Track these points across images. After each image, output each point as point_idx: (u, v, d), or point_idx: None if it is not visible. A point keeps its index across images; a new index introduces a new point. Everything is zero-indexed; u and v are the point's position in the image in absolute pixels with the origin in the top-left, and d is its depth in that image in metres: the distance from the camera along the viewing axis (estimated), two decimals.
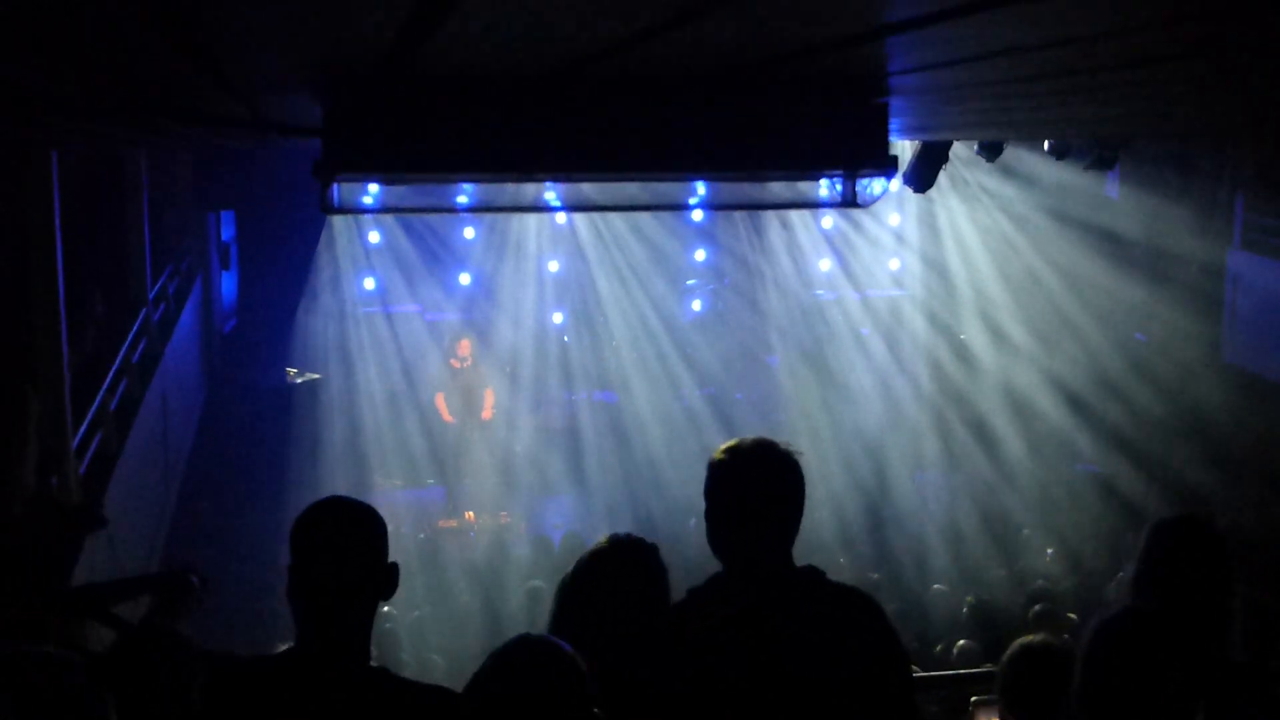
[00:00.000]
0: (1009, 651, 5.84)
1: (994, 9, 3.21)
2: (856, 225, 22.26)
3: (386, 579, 4.22)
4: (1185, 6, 3.42)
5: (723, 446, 4.67)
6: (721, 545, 4.62)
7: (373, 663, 4.30)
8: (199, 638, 5.94)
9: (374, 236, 20.94)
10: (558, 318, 22.36)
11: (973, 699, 7.97)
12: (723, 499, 4.59)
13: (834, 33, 4.03)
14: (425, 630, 13.99)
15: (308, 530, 4.14)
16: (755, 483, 4.54)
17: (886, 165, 6.43)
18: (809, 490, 4.65)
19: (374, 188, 7.36)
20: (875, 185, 7.04)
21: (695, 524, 16.76)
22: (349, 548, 4.14)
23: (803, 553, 4.62)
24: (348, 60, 4.61)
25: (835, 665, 4.39)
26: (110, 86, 5.51)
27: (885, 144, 6.33)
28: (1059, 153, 13.56)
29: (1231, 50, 4.37)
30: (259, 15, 3.59)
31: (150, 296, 14.92)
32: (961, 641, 11.15)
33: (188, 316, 17.17)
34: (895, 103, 6.34)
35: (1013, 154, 16.94)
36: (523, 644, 3.92)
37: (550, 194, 7.79)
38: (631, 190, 7.79)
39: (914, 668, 8.84)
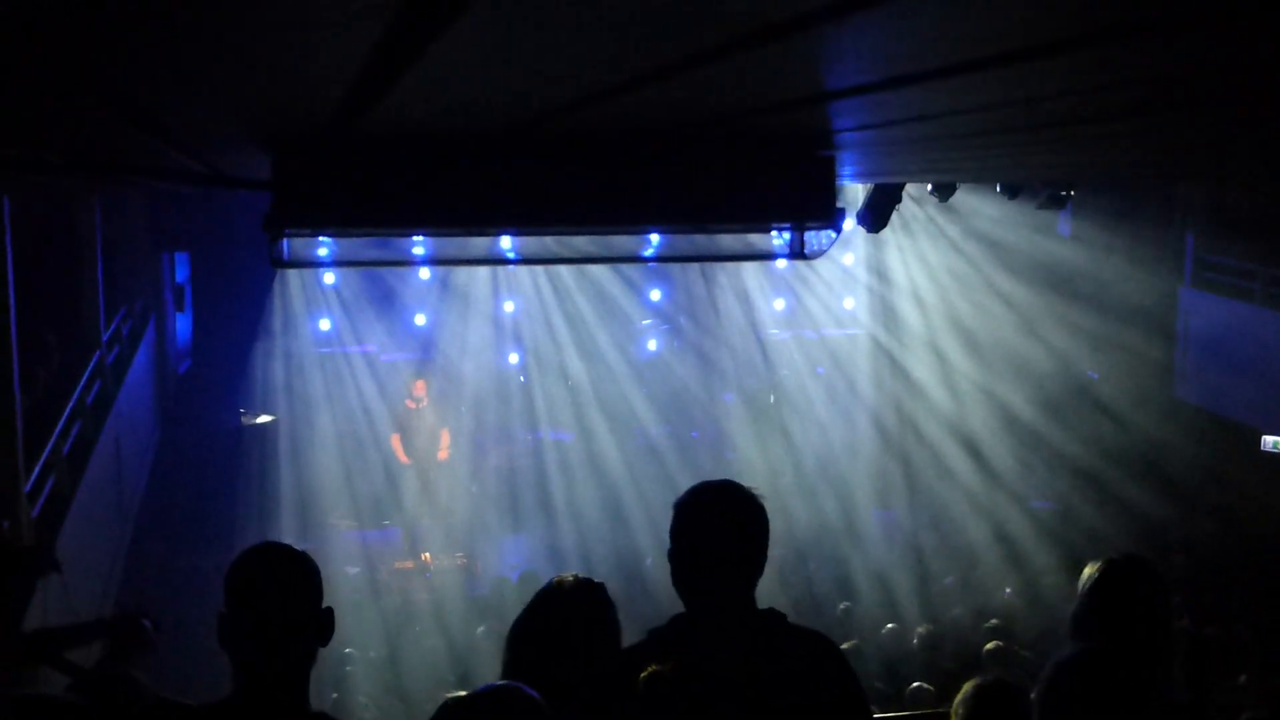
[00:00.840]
0: (963, 692, 5.84)
1: (927, 81, 3.27)
2: (811, 265, 22.32)
3: (322, 625, 4.19)
4: (1117, 74, 3.48)
5: (689, 489, 4.66)
6: (685, 586, 4.61)
7: (325, 706, 4.26)
8: (154, 679, 5.92)
9: (329, 278, 20.84)
10: (513, 358, 22.34)
11: None
12: (688, 541, 4.57)
13: (778, 98, 4.08)
14: (381, 671, 13.96)
15: (241, 577, 4.11)
16: (720, 526, 4.53)
17: (833, 217, 6.46)
18: None
19: (326, 239, 7.36)
20: (823, 237, 7.09)
21: (651, 563, 16.78)
22: (283, 594, 4.10)
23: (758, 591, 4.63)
24: (295, 121, 4.62)
25: (795, 708, 4.40)
26: (58, 148, 5.52)
27: (832, 197, 6.37)
28: (1011, 192, 13.66)
29: (1167, 109, 4.44)
30: (206, 84, 3.62)
31: (104, 338, 14.85)
32: (915, 684, 11.16)
33: (142, 358, 17.08)
34: (843, 154, 6.40)
35: (966, 193, 17.07)
36: (487, 693, 3.92)
37: (506, 243, 7.80)
38: (585, 243, 7.81)
39: (873, 710, 8.87)
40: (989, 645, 11.83)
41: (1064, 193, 13.64)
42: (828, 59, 3.22)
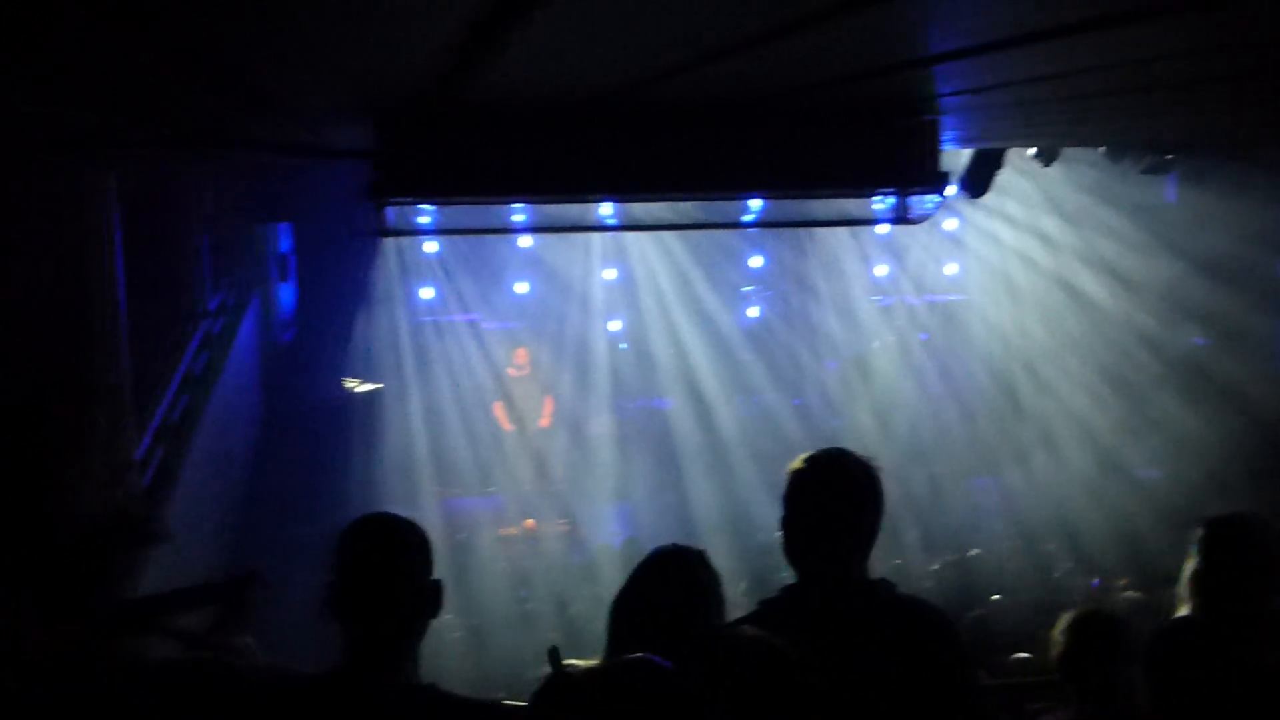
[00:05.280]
0: (1062, 622, 5.85)
1: (1034, 43, 3.22)
2: (913, 230, 22.10)
3: (430, 596, 4.19)
4: (1230, 35, 3.41)
5: (803, 456, 4.63)
6: (796, 554, 4.58)
7: (428, 676, 4.25)
8: (262, 648, 5.97)
9: (431, 246, 20.91)
10: (614, 325, 22.33)
11: (1029, 707, 7.94)
12: (800, 508, 4.55)
13: (884, 62, 4.04)
14: (485, 638, 14.03)
15: (350, 547, 4.12)
16: (833, 493, 4.50)
17: (937, 182, 6.40)
18: None
19: (428, 207, 7.38)
20: (927, 201, 7.03)
21: (763, 537, 16.76)
22: (392, 565, 4.11)
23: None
24: (399, 92, 4.64)
25: (904, 678, 4.37)
26: (167, 122, 5.57)
27: (936, 161, 6.31)
28: (1115, 157, 13.49)
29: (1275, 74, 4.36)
30: (315, 56, 3.63)
31: (210, 308, 15.00)
32: (1019, 653, 11.04)
33: (247, 328, 17.22)
34: (946, 118, 6.33)
35: (1070, 157, 16.86)
36: (619, 666, 3.72)
37: (607, 210, 7.78)
38: (686, 209, 7.78)
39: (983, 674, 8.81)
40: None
41: (1169, 157, 13.45)
42: (934, 21, 3.17)
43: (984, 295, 21.99)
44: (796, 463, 4.60)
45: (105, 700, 3.75)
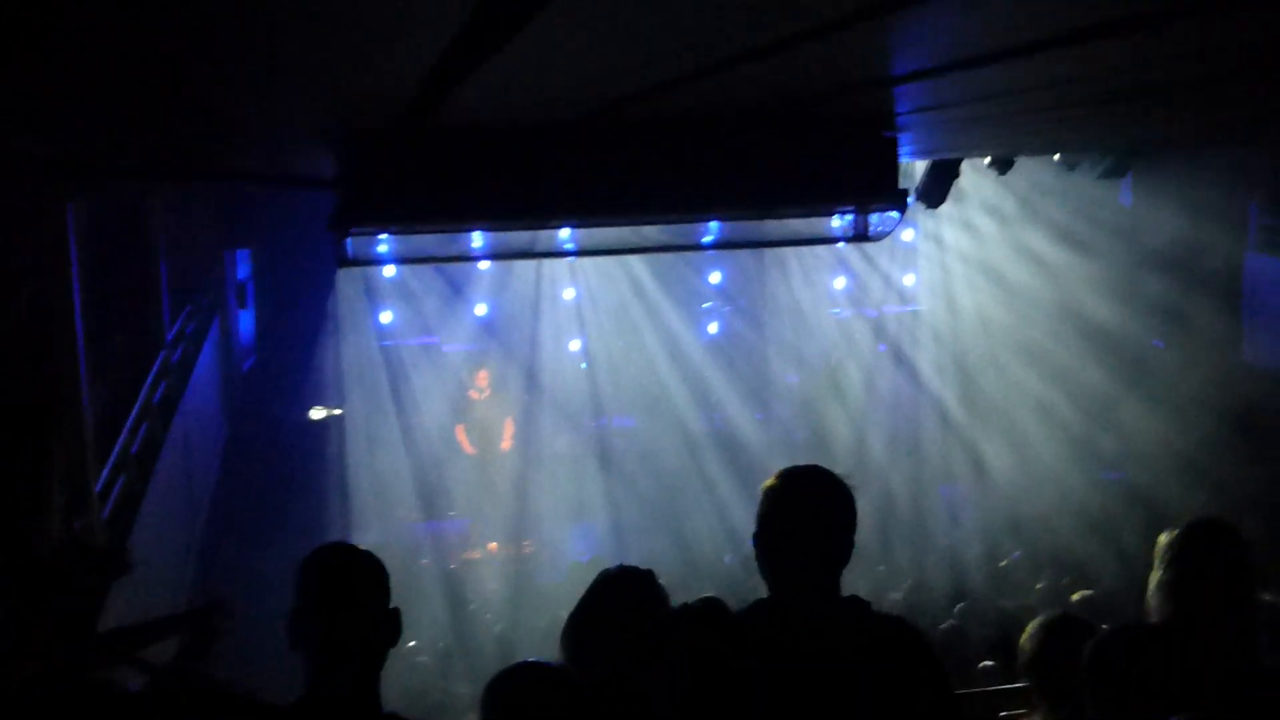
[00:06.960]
0: (1030, 628, 5.84)
1: (993, 63, 3.24)
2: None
3: (390, 626, 4.21)
4: (1176, 50, 3.45)
5: (777, 473, 4.62)
6: (769, 570, 4.58)
7: (395, 702, 4.27)
8: (227, 675, 5.94)
9: (389, 270, 20.82)
10: (574, 345, 22.32)
11: (1001, 714, 7.96)
12: (773, 524, 4.53)
13: (845, 82, 4.05)
14: (452, 662, 14.00)
15: (309, 578, 4.13)
16: (807, 510, 4.49)
17: (897, 198, 6.42)
18: None
19: (385, 236, 7.34)
20: (887, 218, 7.04)
21: (731, 560, 16.74)
22: (351, 596, 4.12)
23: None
24: (365, 119, 4.63)
25: (876, 695, 4.38)
26: (132, 151, 5.54)
27: (895, 178, 6.33)
28: (1071, 163, 13.55)
29: (1228, 80, 4.40)
30: (277, 79, 3.62)
31: (169, 337, 14.90)
32: (985, 661, 11.06)
33: (206, 356, 17.13)
34: (905, 134, 6.36)
35: (1025, 165, 16.94)
36: (510, 674, 4.01)
37: (565, 234, 7.77)
38: (645, 232, 7.76)
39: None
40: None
41: (1124, 161, 13.53)
42: (896, 44, 3.19)
43: (940, 305, 22.03)
44: (771, 480, 4.59)
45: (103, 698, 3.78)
